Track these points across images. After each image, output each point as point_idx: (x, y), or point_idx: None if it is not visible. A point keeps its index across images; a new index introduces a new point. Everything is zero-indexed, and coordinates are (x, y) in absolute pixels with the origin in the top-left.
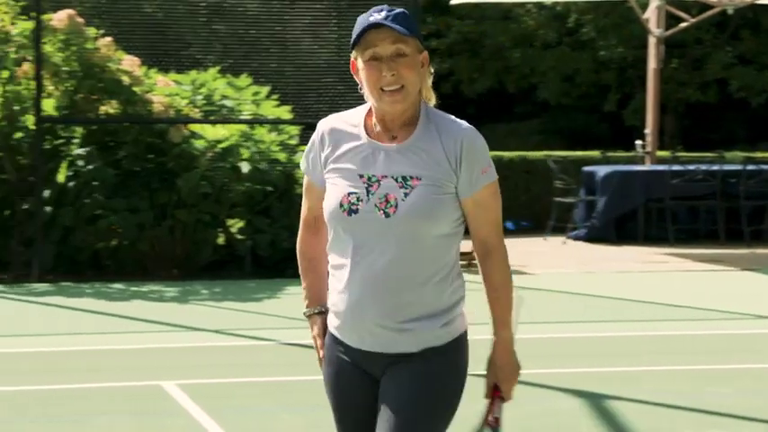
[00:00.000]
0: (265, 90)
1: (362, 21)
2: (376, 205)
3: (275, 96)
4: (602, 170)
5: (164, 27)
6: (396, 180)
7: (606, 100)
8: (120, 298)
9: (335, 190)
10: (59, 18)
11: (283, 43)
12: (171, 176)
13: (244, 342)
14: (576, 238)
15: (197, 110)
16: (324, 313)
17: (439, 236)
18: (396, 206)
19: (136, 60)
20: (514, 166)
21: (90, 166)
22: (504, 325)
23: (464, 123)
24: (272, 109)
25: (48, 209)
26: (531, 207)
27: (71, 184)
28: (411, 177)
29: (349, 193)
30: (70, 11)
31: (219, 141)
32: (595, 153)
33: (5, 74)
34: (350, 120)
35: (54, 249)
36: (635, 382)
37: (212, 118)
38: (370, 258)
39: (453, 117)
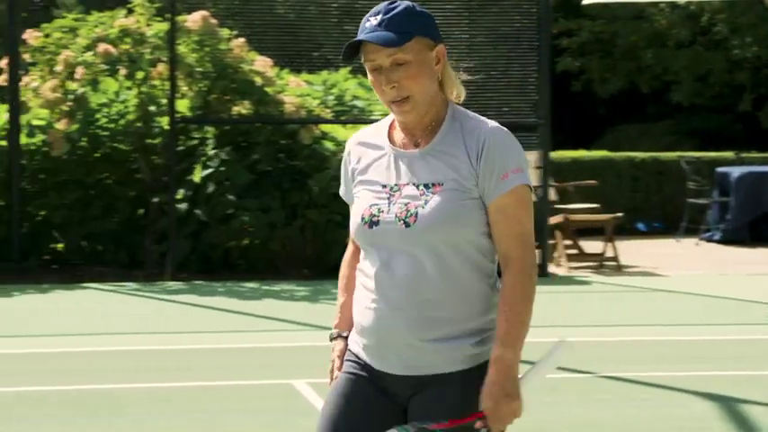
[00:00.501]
0: None
1: (361, 26)
2: (396, 215)
3: None
4: (736, 171)
5: (296, 28)
6: (417, 187)
7: (741, 100)
8: (251, 297)
9: (359, 204)
10: (194, 19)
11: None
12: (302, 177)
13: None
14: (710, 240)
15: (328, 110)
16: (346, 338)
17: (469, 245)
18: (416, 215)
19: (268, 61)
20: (646, 166)
21: (223, 167)
22: (504, 344)
23: (491, 123)
24: None
25: (181, 207)
26: (663, 208)
27: (205, 183)
28: (433, 184)
29: (371, 205)
30: (204, 12)
31: None
32: (729, 154)
33: (140, 75)
34: (374, 132)
35: (187, 248)
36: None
37: (343, 118)
38: (394, 272)
39: (481, 117)
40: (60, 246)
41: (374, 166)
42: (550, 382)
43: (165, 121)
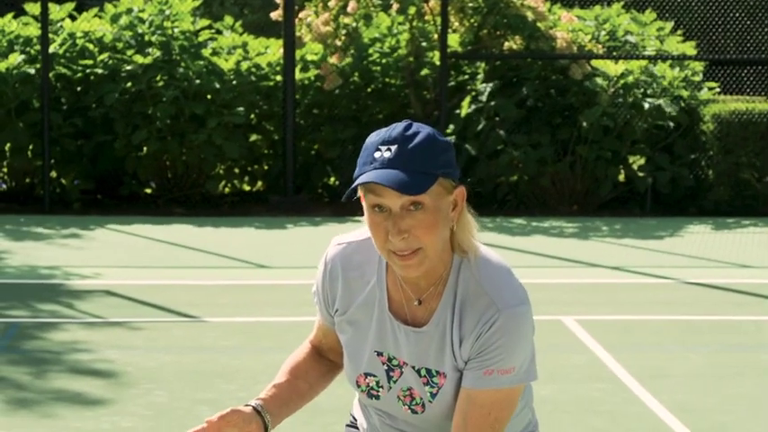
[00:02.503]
0: (669, 25)
1: (366, 153)
2: (399, 398)
3: (680, 32)
4: None
5: None
6: (419, 373)
7: None
8: (521, 233)
9: (347, 362)
10: None
11: None
12: (573, 112)
13: (644, 280)
14: None
15: (600, 45)
16: (259, 414)
17: None
18: (423, 405)
19: None
20: None
21: (493, 102)
22: None
23: (506, 296)
24: (676, 44)
25: (451, 142)
26: None
27: (474, 119)
28: (437, 373)
29: (366, 375)
30: None
31: (622, 77)
32: None
33: (413, 10)
34: (366, 262)
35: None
36: None
37: (615, 54)
38: (404, 426)
39: (498, 280)
40: (332, 180)
41: (364, 318)
42: None
43: (436, 57)
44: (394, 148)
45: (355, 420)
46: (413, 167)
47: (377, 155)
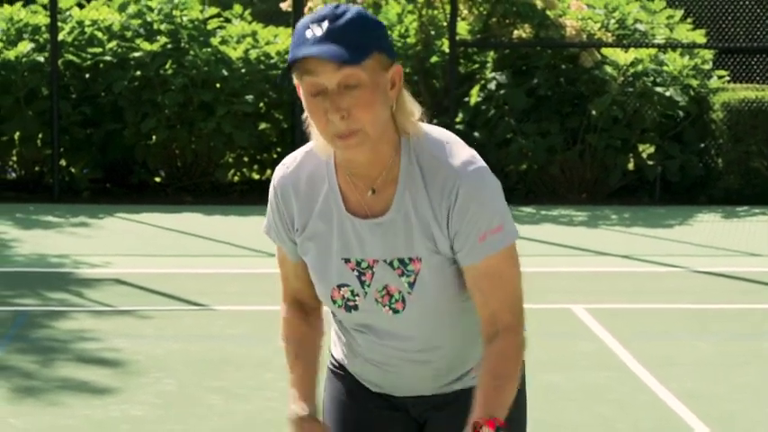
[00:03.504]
0: (679, 13)
1: (297, 35)
2: (377, 300)
3: (689, 20)
4: None
5: None
6: (391, 266)
7: None
8: (529, 221)
9: (317, 280)
10: None
11: None
12: (582, 101)
13: (652, 268)
14: None
15: (609, 34)
16: (314, 420)
17: (463, 300)
18: (402, 300)
19: None
20: None
21: (502, 91)
22: (487, 411)
23: (460, 159)
24: (685, 32)
25: (460, 130)
26: None
27: (484, 107)
28: (410, 260)
29: (339, 286)
30: None
31: (631, 66)
32: None
33: None
34: (312, 173)
35: None
36: None
37: (625, 42)
38: (388, 341)
39: (448, 148)
40: None
41: (324, 228)
42: None
43: (445, 45)
44: (324, 24)
45: (336, 361)
46: (346, 41)
47: (308, 34)
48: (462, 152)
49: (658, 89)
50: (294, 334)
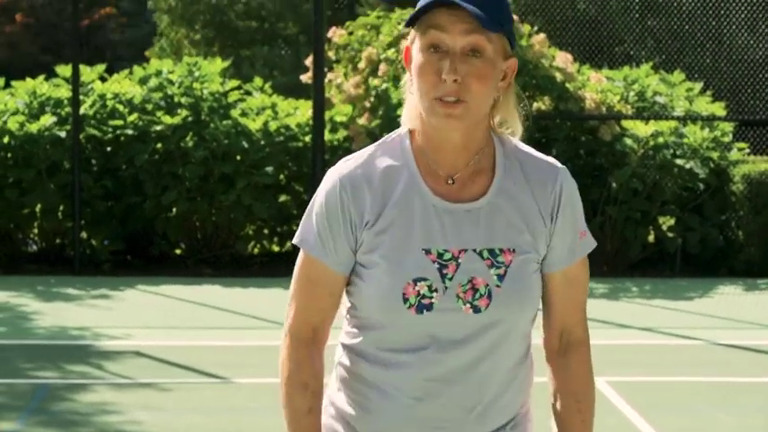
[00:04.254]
0: (699, 86)
1: None
2: (458, 296)
3: (709, 92)
4: None
5: (597, 23)
6: (481, 256)
7: None
8: None
9: (387, 275)
10: None
11: (718, 38)
12: (602, 173)
13: (674, 341)
14: None
15: (629, 106)
16: None
17: (529, 321)
18: (488, 296)
19: (569, 57)
20: None
21: None
22: None
23: (553, 160)
24: (705, 105)
25: None
26: None
27: None
28: (501, 250)
29: (416, 280)
30: None
31: (651, 138)
32: None
33: None
34: (387, 163)
35: None
36: None
37: (645, 114)
38: (452, 355)
39: (536, 151)
40: None
41: (402, 220)
42: None
43: None
44: None
45: (336, 409)
46: (487, 5)
47: None
48: (547, 155)
49: (678, 161)
50: (315, 381)
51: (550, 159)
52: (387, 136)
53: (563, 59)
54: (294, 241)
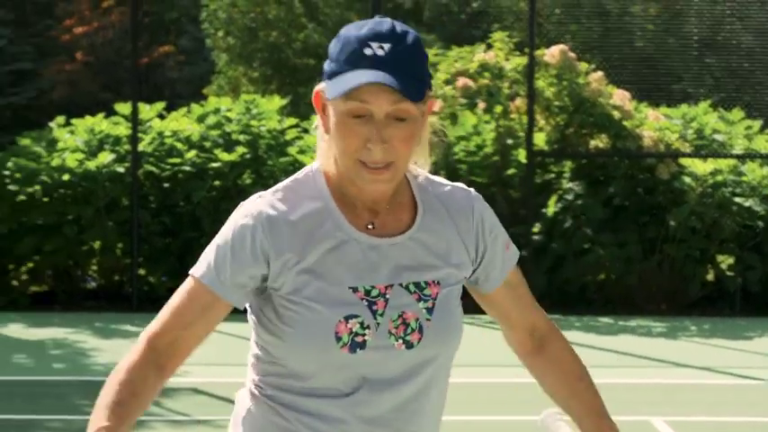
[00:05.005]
0: (758, 124)
1: (351, 49)
2: (390, 332)
3: None
4: None
5: (654, 61)
6: (408, 290)
7: None
8: (608, 332)
9: (317, 314)
10: (552, 54)
11: None
12: (660, 211)
13: (733, 380)
14: None
15: (687, 144)
16: None
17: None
18: (420, 330)
19: (626, 94)
20: None
21: (579, 201)
22: (606, 416)
23: (462, 185)
24: (764, 143)
25: (537, 240)
26: None
27: (561, 217)
28: (427, 283)
29: (347, 318)
30: (563, 46)
31: (710, 176)
32: None
33: (499, 108)
34: (304, 201)
35: (544, 282)
36: None
37: (703, 152)
38: (386, 395)
39: (444, 180)
40: None
41: (327, 257)
42: None
43: (522, 155)
44: (387, 46)
45: None
46: (411, 71)
47: (367, 52)
48: (457, 183)
49: (737, 199)
50: (143, 372)
51: (461, 186)
52: (297, 173)
53: (621, 97)
54: (191, 272)
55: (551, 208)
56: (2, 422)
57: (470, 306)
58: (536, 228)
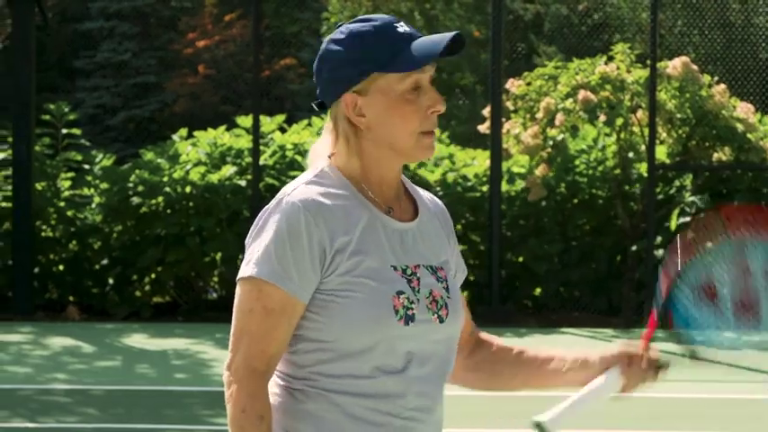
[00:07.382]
0: None
1: (390, 34)
2: (428, 307)
3: None
4: None
5: None
6: (429, 270)
7: None
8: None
9: (374, 291)
10: (674, 66)
11: None
12: None
13: None
14: None
15: None
16: None
17: None
18: (446, 306)
19: (750, 107)
20: None
21: (702, 214)
22: (581, 351)
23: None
24: None
25: (659, 254)
26: None
27: (684, 231)
28: (438, 267)
29: (398, 293)
30: (685, 58)
31: None
32: None
33: (620, 121)
34: (334, 191)
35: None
36: None
37: None
38: (431, 369)
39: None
40: (537, 291)
41: (368, 240)
42: None
43: (643, 168)
44: (405, 25)
45: None
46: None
47: (401, 30)
48: None
49: None
50: (269, 414)
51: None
52: (307, 173)
53: (744, 110)
54: (244, 275)
55: (674, 221)
56: None
57: None
58: (657, 241)
